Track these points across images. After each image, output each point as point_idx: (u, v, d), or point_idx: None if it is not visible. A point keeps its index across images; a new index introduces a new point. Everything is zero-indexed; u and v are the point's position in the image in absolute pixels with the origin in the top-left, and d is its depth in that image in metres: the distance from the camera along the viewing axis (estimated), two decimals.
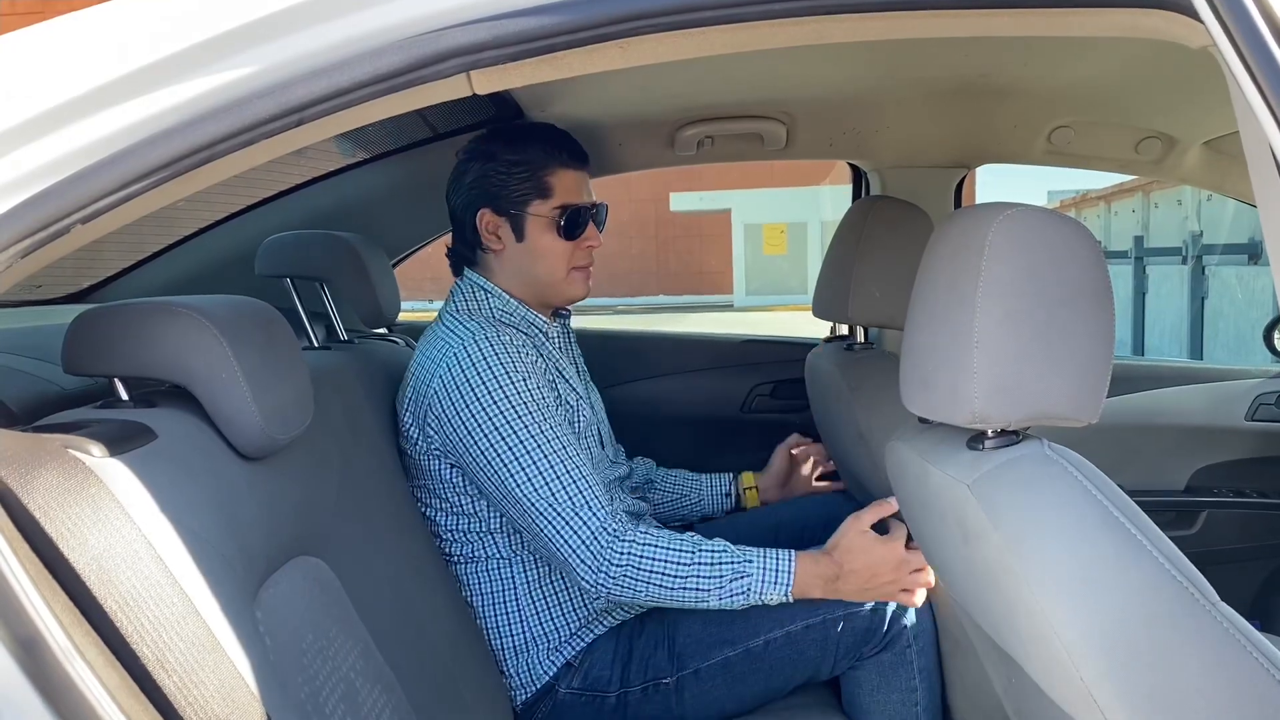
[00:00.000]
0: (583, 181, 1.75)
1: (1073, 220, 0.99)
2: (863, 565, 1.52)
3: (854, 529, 1.54)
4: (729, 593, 1.50)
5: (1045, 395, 0.95)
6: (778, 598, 1.51)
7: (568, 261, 1.73)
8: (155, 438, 0.99)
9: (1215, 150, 2.10)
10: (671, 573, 1.50)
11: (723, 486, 2.10)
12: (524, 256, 1.72)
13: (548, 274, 1.73)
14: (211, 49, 0.91)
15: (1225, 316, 7.70)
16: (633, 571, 1.49)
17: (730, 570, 1.50)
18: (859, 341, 1.95)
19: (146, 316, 1.05)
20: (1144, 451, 2.24)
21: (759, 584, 1.50)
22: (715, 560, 1.50)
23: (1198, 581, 0.85)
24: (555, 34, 0.90)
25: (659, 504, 2.08)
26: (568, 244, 1.72)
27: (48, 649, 0.82)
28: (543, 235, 1.71)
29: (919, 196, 1.98)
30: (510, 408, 1.54)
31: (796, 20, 0.92)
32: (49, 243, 0.89)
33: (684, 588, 1.50)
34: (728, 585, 1.50)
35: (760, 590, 1.50)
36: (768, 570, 1.51)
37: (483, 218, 1.72)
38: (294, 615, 1.10)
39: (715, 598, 1.50)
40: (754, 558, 1.51)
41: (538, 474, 1.52)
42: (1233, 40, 0.84)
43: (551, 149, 1.72)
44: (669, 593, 1.50)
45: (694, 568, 1.50)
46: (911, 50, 1.63)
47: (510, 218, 1.71)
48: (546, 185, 1.70)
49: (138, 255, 2.15)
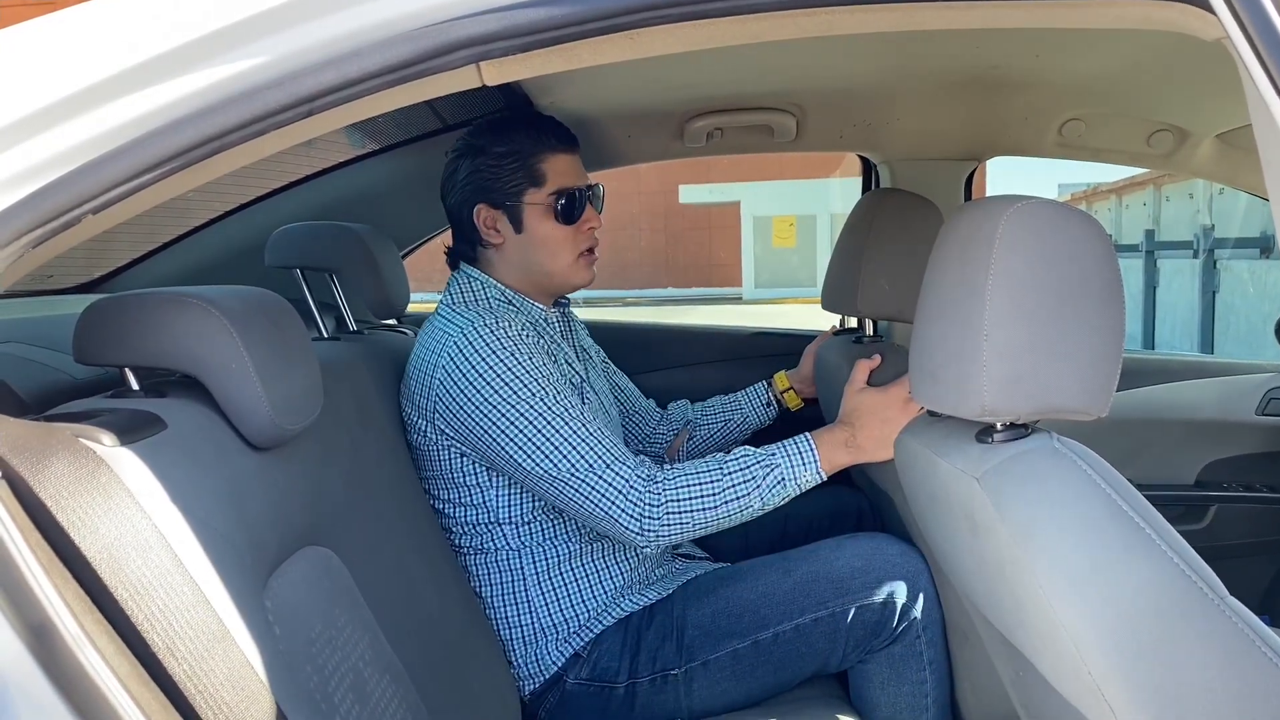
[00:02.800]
0: (575, 164, 1.74)
1: (1083, 213, 0.98)
2: (871, 416, 1.54)
3: (851, 393, 1.59)
4: (768, 488, 1.52)
5: (1054, 389, 0.95)
6: (811, 477, 1.54)
7: (572, 247, 1.73)
8: (165, 427, 1.00)
9: (1227, 143, 2.09)
10: (710, 493, 1.51)
11: (761, 397, 2.13)
12: (526, 247, 1.72)
13: (551, 262, 1.73)
14: (222, 40, 0.91)
15: (1236, 310, 7.67)
16: (674, 507, 1.50)
17: (760, 469, 1.53)
18: (868, 334, 1.94)
19: (157, 307, 1.05)
20: (1153, 445, 2.23)
21: (789, 470, 1.53)
22: (744, 466, 1.53)
23: (1207, 576, 0.85)
24: (565, 25, 0.90)
25: (705, 438, 2.12)
26: (568, 229, 1.72)
27: (59, 636, 0.83)
28: (541, 223, 1.71)
29: (929, 189, 1.97)
30: (519, 386, 1.54)
31: (807, 11, 0.92)
32: (60, 233, 0.89)
33: (727, 502, 1.51)
34: (763, 482, 1.52)
35: (794, 475, 1.53)
36: (792, 455, 1.54)
37: (479, 213, 1.72)
38: (303, 605, 1.11)
39: (758, 499, 1.52)
40: (776, 450, 1.55)
41: (556, 445, 1.52)
42: (1246, 33, 0.83)
43: (539, 135, 1.71)
44: (715, 514, 1.51)
45: (727, 479, 1.52)
46: (922, 42, 1.63)
47: (507, 209, 1.71)
48: (539, 172, 1.69)
49: (148, 245, 2.15)
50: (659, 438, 2.11)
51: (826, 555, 1.65)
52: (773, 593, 1.62)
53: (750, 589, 1.64)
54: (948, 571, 1.27)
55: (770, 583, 1.64)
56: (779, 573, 1.65)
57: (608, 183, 1.83)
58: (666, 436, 2.11)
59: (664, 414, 2.14)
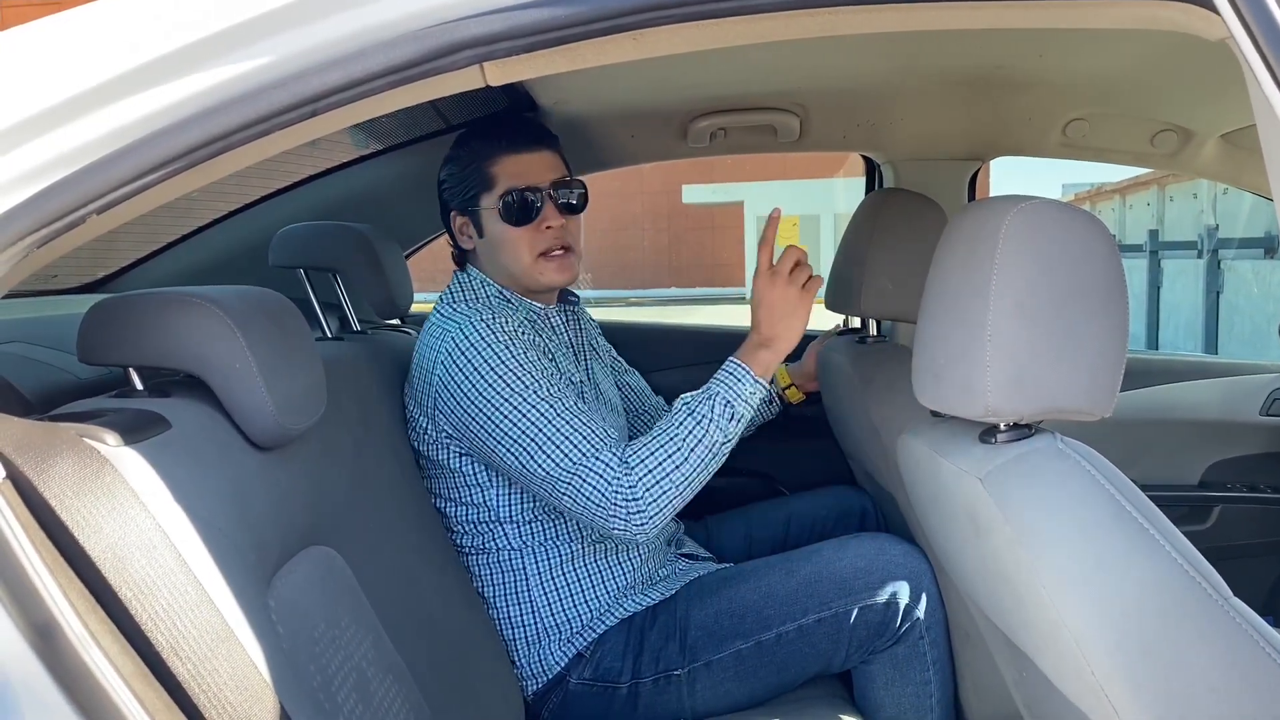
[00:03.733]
0: (533, 163, 1.71)
1: (1087, 213, 0.98)
2: (766, 310, 1.56)
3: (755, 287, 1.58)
4: (719, 417, 1.53)
5: (1058, 389, 0.95)
6: (751, 387, 1.56)
7: (530, 248, 1.70)
8: (169, 427, 1.00)
9: (1232, 143, 2.08)
10: (674, 450, 1.51)
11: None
12: (490, 251, 1.73)
13: (513, 264, 1.72)
14: (226, 40, 0.91)
15: (1241, 311, 7.66)
16: (651, 482, 1.49)
17: (702, 404, 1.54)
18: (871, 334, 1.94)
19: (161, 306, 1.05)
20: (1157, 446, 2.23)
21: (728, 390, 1.55)
22: (690, 411, 1.54)
23: (1210, 576, 0.85)
24: (569, 25, 0.90)
25: None
26: (523, 229, 1.69)
27: (63, 636, 0.83)
28: (495, 226, 1.70)
29: (933, 189, 1.97)
30: (514, 379, 1.54)
31: (811, 12, 0.92)
32: (64, 233, 0.90)
33: (692, 450, 1.51)
34: (712, 414, 1.53)
35: (735, 394, 1.55)
36: (724, 378, 1.57)
37: (454, 221, 1.75)
38: (306, 604, 1.11)
39: (718, 432, 1.53)
40: (710, 384, 1.57)
41: (545, 439, 1.52)
42: (1250, 33, 0.83)
43: (491, 138, 1.71)
44: (688, 467, 1.51)
45: (681, 429, 1.52)
46: (926, 42, 1.63)
47: (470, 215, 1.73)
48: (489, 176, 1.69)
49: (152, 246, 2.15)
50: None
51: (829, 555, 1.65)
52: (776, 593, 1.62)
53: (754, 589, 1.64)
54: (950, 572, 1.27)
55: (773, 583, 1.64)
56: (782, 573, 1.65)
57: (611, 182, 1.84)
58: None
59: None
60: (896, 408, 1.62)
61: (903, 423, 1.45)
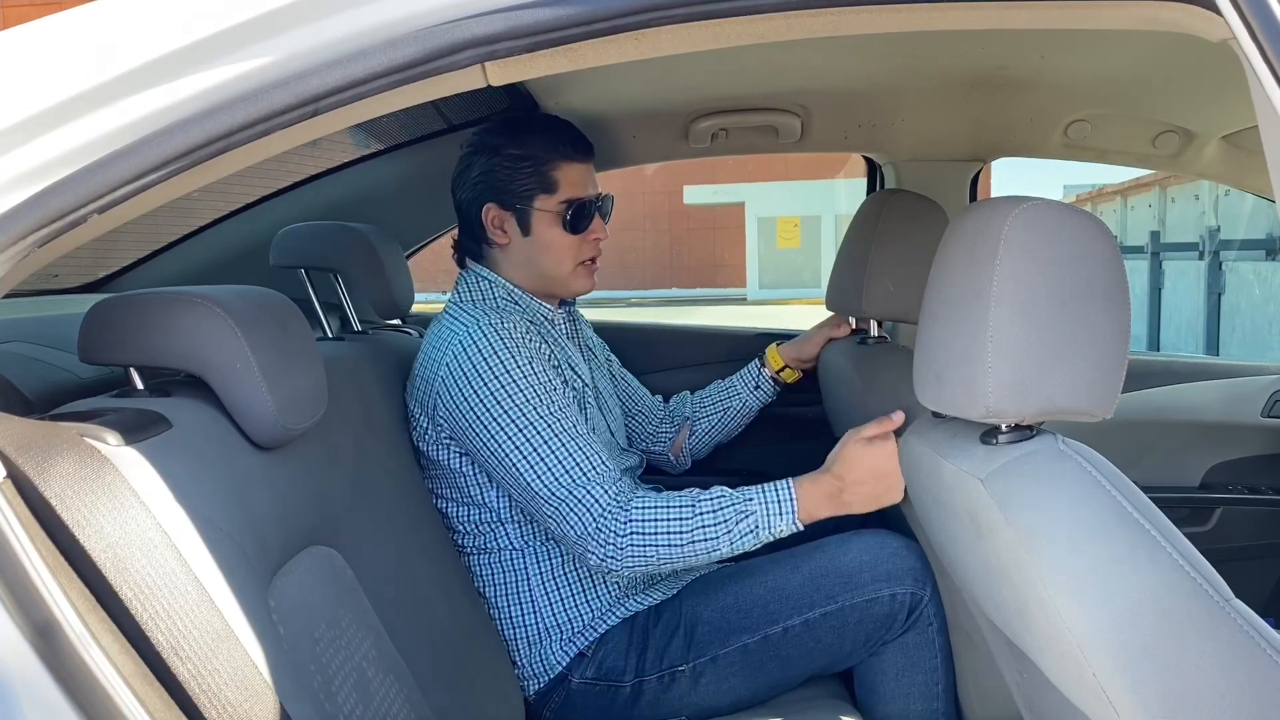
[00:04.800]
0: (587, 174, 1.75)
1: (1089, 214, 0.98)
2: (864, 471, 1.48)
3: (851, 440, 1.50)
4: (738, 535, 1.48)
5: (1060, 390, 0.95)
6: (787, 527, 1.49)
7: (575, 256, 1.74)
8: (170, 427, 1.00)
9: (1234, 144, 2.08)
10: (677, 530, 1.48)
11: (751, 380, 2.12)
12: (530, 250, 1.73)
13: (554, 268, 1.74)
14: (227, 39, 0.91)
15: (1242, 312, 7.66)
16: (639, 540, 1.48)
17: (734, 513, 1.49)
18: (872, 335, 1.94)
19: (162, 306, 1.05)
20: (1158, 447, 2.23)
21: (764, 519, 1.48)
22: (717, 507, 1.49)
23: (1212, 578, 0.85)
24: (570, 25, 0.90)
25: (706, 431, 2.12)
26: (574, 238, 1.73)
27: (63, 635, 0.83)
28: (548, 230, 1.72)
29: (934, 190, 1.97)
30: (516, 391, 1.54)
31: (812, 12, 0.92)
32: (66, 232, 0.90)
33: (694, 542, 1.48)
34: (734, 528, 1.48)
35: (768, 524, 1.48)
36: (769, 503, 1.49)
37: (488, 212, 1.73)
38: (307, 604, 1.11)
39: (726, 544, 1.49)
40: (754, 494, 1.50)
41: (540, 457, 1.52)
42: (1252, 34, 0.83)
43: (555, 142, 1.72)
44: (681, 552, 1.48)
45: (698, 519, 1.48)
46: (928, 43, 1.63)
47: (516, 212, 1.72)
48: (551, 180, 1.70)
49: (153, 245, 2.15)
50: (663, 435, 2.11)
51: (833, 551, 1.65)
52: (782, 588, 1.63)
53: (759, 584, 1.64)
54: (952, 572, 1.27)
55: (779, 578, 1.64)
56: (787, 569, 1.65)
57: (612, 183, 1.84)
58: (670, 434, 2.11)
59: (668, 411, 2.14)
60: (897, 408, 1.62)
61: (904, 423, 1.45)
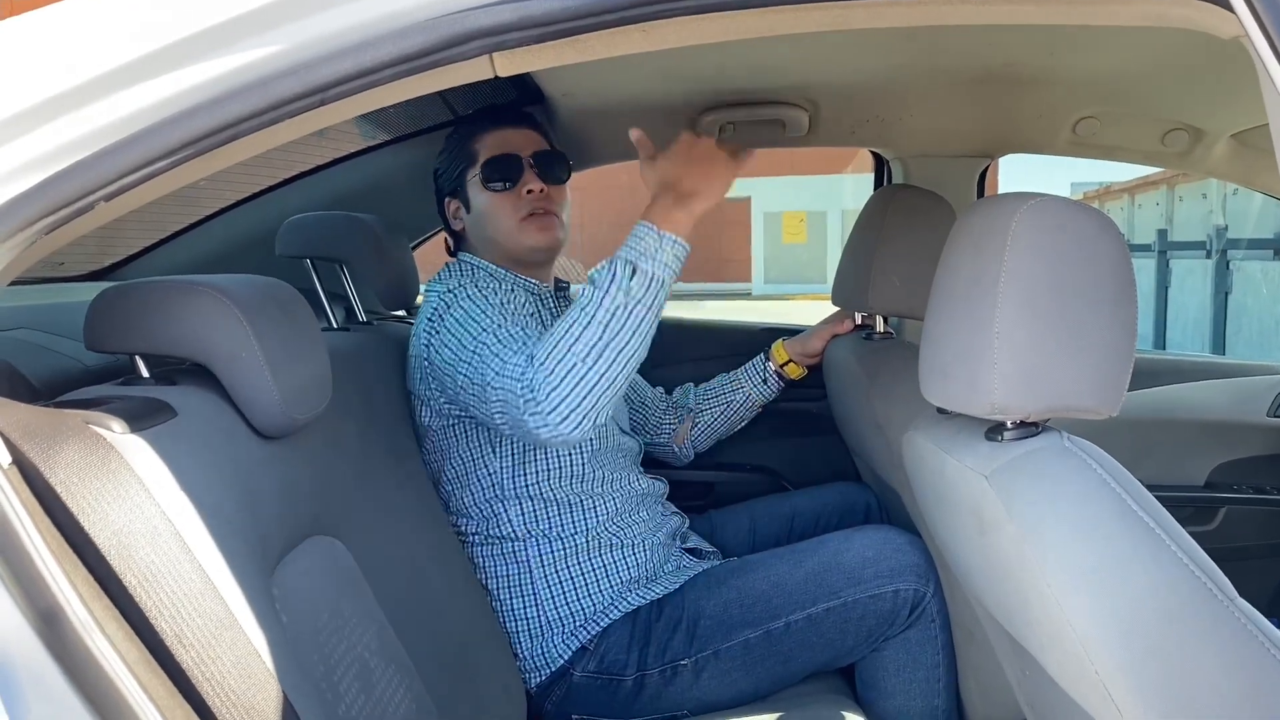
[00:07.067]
0: (517, 136, 1.78)
1: (1097, 211, 0.98)
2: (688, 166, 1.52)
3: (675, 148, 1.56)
4: (624, 281, 1.41)
5: (1065, 387, 0.95)
6: (669, 249, 1.44)
7: (513, 212, 1.75)
8: (175, 415, 1.00)
9: (1243, 143, 2.07)
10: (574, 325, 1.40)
11: (758, 374, 2.11)
12: (478, 223, 1.78)
13: (499, 232, 1.76)
14: (236, 28, 0.91)
15: (1249, 311, 7.64)
16: (554, 364, 1.39)
17: (603, 273, 1.43)
18: (878, 331, 1.94)
19: (168, 294, 1.06)
20: (1164, 446, 2.22)
21: (632, 253, 1.43)
22: (590, 282, 1.44)
23: (1216, 577, 0.85)
24: (578, 16, 0.90)
25: (710, 423, 2.12)
26: (504, 195, 1.75)
27: (68, 622, 0.83)
28: (480, 195, 1.77)
29: (941, 186, 1.96)
30: (487, 324, 1.55)
31: (821, 5, 0.91)
32: (73, 219, 0.90)
33: (598, 322, 1.39)
34: (615, 280, 1.41)
35: (640, 255, 1.43)
36: (630, 243, 1.45)
37: (448, 206, 1.83)
38: (310, 594, 1.11)
39: (624, 299, 1.40)
40: (618, 255, 1.44)
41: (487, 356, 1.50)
42: (1265, 30, 0.82)
43: (474, 120, 1.80)
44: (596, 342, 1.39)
45: (584, 301, 1.42)
46: (936, 37, 1.62)
47: (460, 195, 1.80)
48: (473, 151, 1.77)
49: (159, 234, 2.16)
50: (666, 426, 2.11)
51: (836, 546, 1.66)
52: (785, 582, 1.63)
53: (762, 579, 1.65)
54: (955, 569, 1.27)
55: (782, 573, 1.64)
56: (790, 564, 1.65)
57: (618, 176, 1.84)
58: (673, 424, 2.11)
59: (670, 402, 2.14)
60: (902, 404, 1.62)
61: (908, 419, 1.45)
